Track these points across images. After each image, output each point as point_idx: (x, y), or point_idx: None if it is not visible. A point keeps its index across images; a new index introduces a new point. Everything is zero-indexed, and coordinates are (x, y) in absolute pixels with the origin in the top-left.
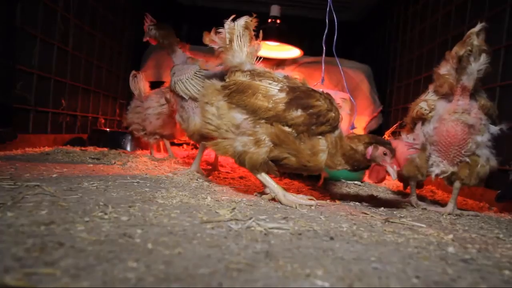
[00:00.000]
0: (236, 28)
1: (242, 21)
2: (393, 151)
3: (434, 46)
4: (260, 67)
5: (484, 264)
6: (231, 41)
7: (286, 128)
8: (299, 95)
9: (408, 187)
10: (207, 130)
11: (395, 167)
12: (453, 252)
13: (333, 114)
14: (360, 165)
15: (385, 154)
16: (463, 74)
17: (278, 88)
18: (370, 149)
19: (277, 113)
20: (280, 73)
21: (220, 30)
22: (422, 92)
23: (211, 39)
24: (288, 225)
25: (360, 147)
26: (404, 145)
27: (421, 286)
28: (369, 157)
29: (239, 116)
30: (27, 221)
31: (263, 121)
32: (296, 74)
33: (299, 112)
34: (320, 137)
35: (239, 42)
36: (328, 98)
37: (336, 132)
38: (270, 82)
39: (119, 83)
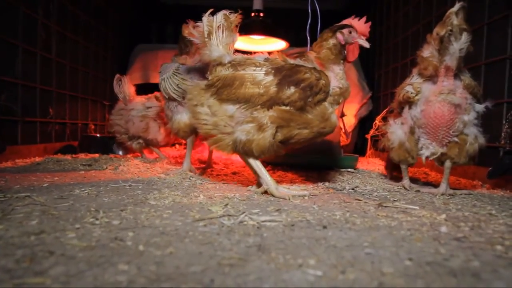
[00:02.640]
0: (215, 22)
1: (220, 14)
2: (353, 27)
3: (419, 28)
4: (239, 55)
5: (477, 241)
6: (209, 34)
7: (286, 108)
8: (286, 74)
9: (394, 173)
10: (206, 131)
11: (363, 37)
12: (446, 231)
13: (324, 81)
14: (343, 54)
15: (350, 32)
16: (445, 54)
17: (264, 72)
18: (339, 36)
19: (271, 97)
20: (260, 56)
21: (198, 23)
22: (408, 76)
23: (190, 32)
24: (281, 217)
25: (333, 41)
26: None
27: (414, 268)
28: (343, 42)
29: (232, 108)
30: (17, 232)
31: (259, 106)
32: (275, 54)
33: (292, 90)
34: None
35: (217, 36)
36: (313, 68)
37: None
38: (254, 68)
39: (106, 88)
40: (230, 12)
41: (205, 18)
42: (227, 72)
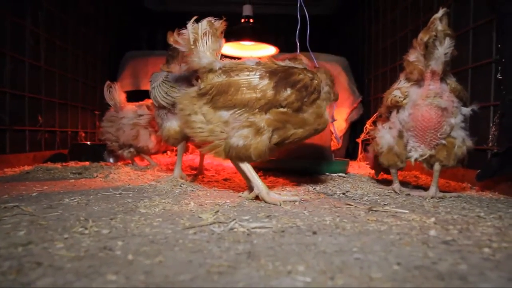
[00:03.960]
0: (200, 29)
1: (205, 21)
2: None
3: (406, 33)
4: (228, 61)
5: (465, 244)
6: (195, 41)
7: (283, 109)
8: (282, 76)
9: (380, 174)
10: (202, 138)
11: None
12: (435, 235)
13: (316, 81)
14: None
15: None
16: (431, 59)
17: (258, 76)
18: None
19: (268, 100)
20: (250, 60)
21: (183, 31)
22: (396, 81)
23: (175, 39)
24: (271, 223)
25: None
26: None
27: (402, 272)
28: None
29: (226, 113)
30: (4, 244)
31: (256, 110)
32: (265, 59)
33: (289, 91)
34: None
35: (204, 42)
36: (304, 68)
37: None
38: (248, 73)
39: (96, 96)
40: (215, 19)
41: (190, 25)
42: (220, 79)
